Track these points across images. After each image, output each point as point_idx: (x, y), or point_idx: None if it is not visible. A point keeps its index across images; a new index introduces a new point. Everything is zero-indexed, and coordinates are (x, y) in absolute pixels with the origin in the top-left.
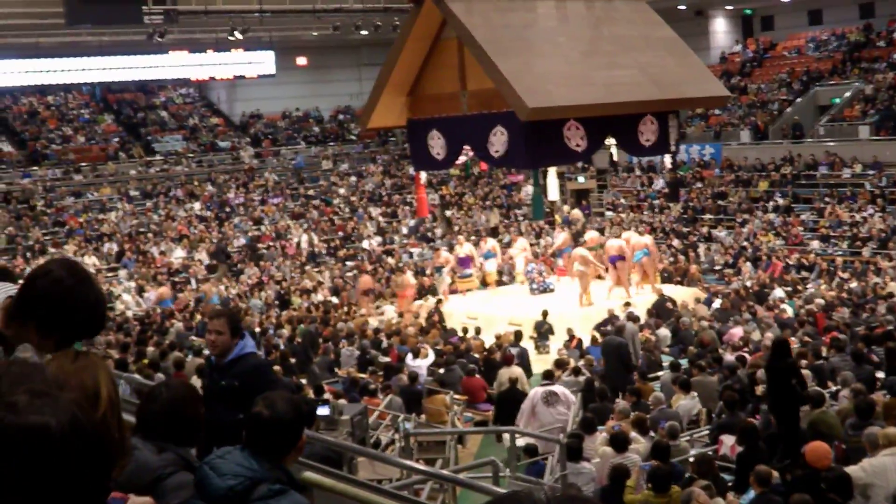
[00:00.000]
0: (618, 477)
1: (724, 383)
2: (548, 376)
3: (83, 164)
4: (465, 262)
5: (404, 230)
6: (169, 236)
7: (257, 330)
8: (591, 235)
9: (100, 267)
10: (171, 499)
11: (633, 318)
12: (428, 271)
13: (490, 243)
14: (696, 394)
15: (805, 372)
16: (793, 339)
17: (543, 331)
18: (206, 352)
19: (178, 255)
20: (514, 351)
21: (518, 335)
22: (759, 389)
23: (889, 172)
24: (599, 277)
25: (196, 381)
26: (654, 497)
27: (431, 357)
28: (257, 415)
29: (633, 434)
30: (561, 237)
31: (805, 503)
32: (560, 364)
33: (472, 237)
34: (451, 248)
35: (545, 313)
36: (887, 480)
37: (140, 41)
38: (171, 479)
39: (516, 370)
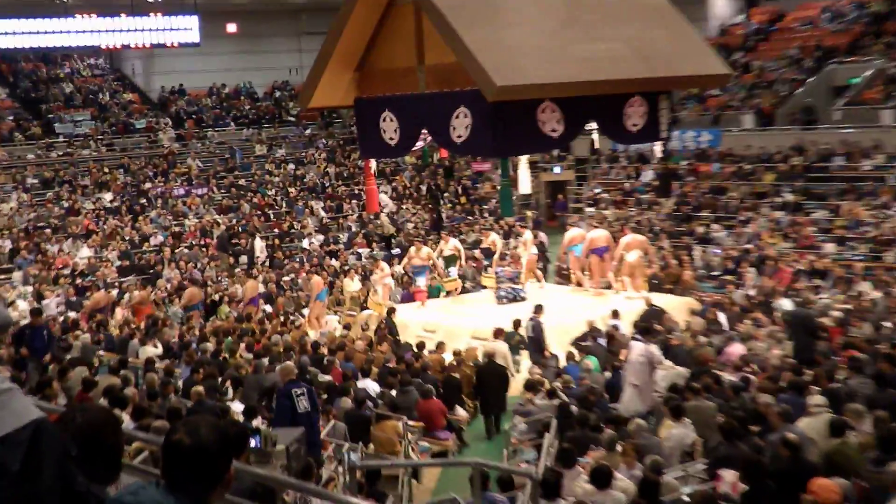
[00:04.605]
0: None
1: (728, 408)
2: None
3: None
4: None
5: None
6: (73, 232)
7: (175, 342)
8: (492, 238)
9: None
10: None
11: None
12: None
13: (424, 252)
14: (689, 421)
15: (819, 398)
16: None
17: (514, 343)
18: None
19: (83, 254)
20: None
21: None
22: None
23: None
24: (579, 284)
25: (104, 403)
26: None
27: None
28: (177, 443)
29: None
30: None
31: None
32: (532, 386)
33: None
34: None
35: (516, 323)
36: None
37: (41, 2)
38: None
39: (500, 346)
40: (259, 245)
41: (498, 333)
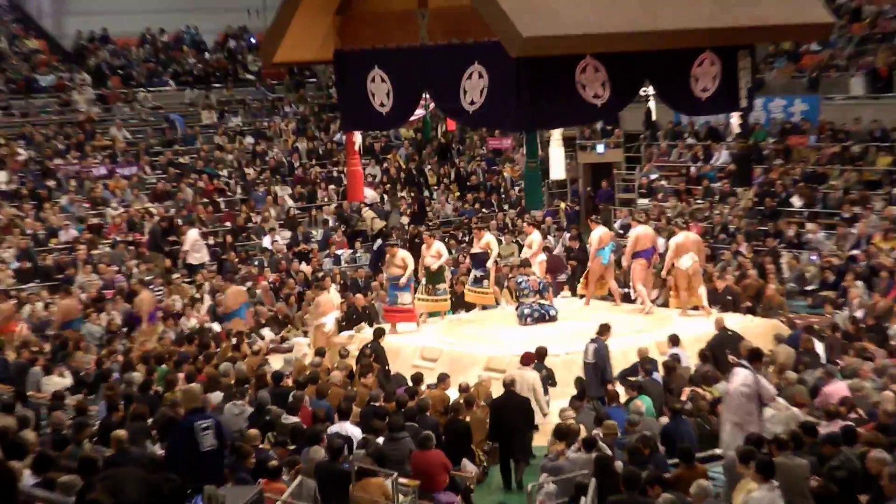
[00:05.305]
0: None
1: (825, 467)
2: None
3: None
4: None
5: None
6: None
7: (90, 370)
8: (486, 240)
9: None
10: None
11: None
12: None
13: (399, 257)
14: (776, 483)
15: None
16: None
17: (541, 378)
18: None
19: None
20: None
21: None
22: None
23: None
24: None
25: None
26: None
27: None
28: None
29: None
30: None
31: None
32: (563, 433)
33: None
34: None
35: (542, 353)
36: None
37: None
38: None
39: (529, 375)
40: (193, 238)
41: (527, 359)
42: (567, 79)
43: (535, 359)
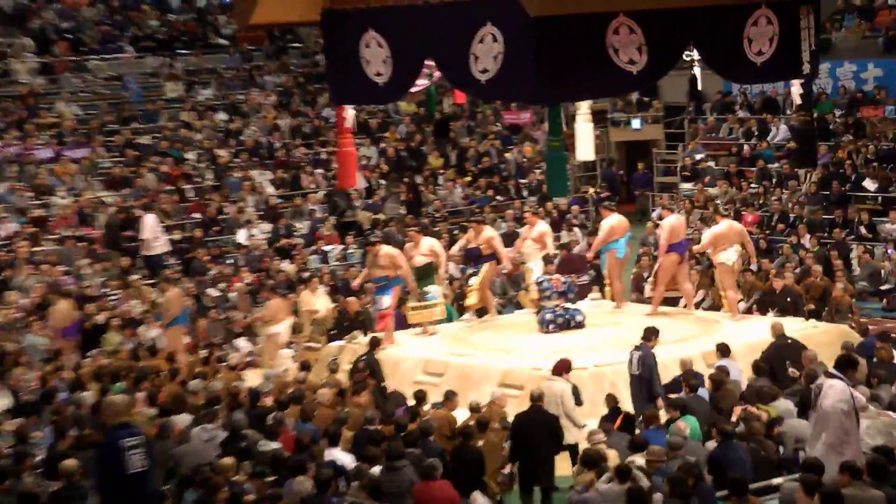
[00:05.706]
0: None
1: None
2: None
3: None
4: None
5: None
6: None
7: (32, 389)
8: (487, 234)
9: None
10: None
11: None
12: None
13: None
14: None
15: None
16: None
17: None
18: None
19: None
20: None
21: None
22: None
23: None
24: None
25: None
26: None
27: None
28: None
29: None
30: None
31: None
32: (591, 461)
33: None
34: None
35: (566, 366)
36: None
37: None
38: None
39: (556, 386)
40: (150, 224)
41: (560, 368)
42: (596, 42)
43: (569, 369)
